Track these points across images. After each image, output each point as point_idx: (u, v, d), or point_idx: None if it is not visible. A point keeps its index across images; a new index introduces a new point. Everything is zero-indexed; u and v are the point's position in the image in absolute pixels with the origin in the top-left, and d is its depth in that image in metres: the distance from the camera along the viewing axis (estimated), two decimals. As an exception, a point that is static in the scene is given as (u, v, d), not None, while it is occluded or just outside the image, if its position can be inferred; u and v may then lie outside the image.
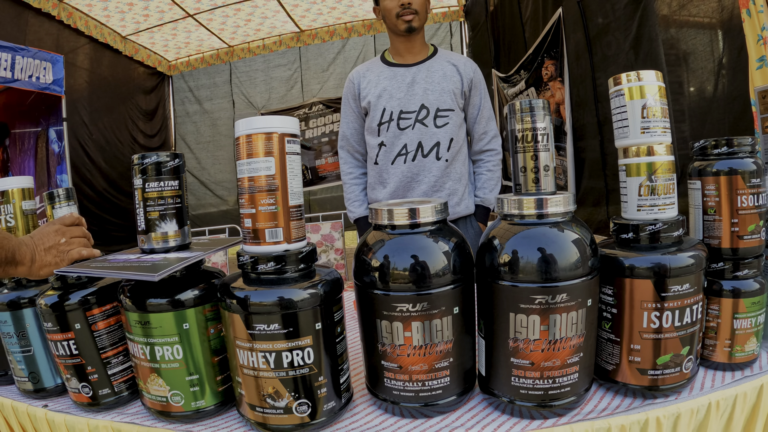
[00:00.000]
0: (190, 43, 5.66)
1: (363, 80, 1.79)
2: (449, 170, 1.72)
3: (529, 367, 0.74)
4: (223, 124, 6.45)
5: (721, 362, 0.88)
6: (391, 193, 1.74)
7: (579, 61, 3.13)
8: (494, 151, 1.84)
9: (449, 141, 1.70)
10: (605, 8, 2.66)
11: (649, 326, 0.77)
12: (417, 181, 1.72)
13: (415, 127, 1.69)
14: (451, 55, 1.81)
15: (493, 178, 1.83)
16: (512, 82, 4.52)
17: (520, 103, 0.76)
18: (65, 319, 0.88)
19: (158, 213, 0.87)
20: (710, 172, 0.86)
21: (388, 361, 0.77)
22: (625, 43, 2.45)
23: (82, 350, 0.89)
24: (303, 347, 0.74)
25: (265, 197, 0.75)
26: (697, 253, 0.78)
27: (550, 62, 3.62)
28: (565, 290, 0.71)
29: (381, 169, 1.76)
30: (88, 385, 0.90)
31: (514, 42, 4.34)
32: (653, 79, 0.80)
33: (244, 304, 0.73)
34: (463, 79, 1.73)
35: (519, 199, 0.74)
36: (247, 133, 0.76)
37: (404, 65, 1.76)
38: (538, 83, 3.91)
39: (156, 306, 0.80)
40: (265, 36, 5.88)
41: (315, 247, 0.80)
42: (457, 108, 1.72)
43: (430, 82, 1.71)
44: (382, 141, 1.73)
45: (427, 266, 0.73)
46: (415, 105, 1.70)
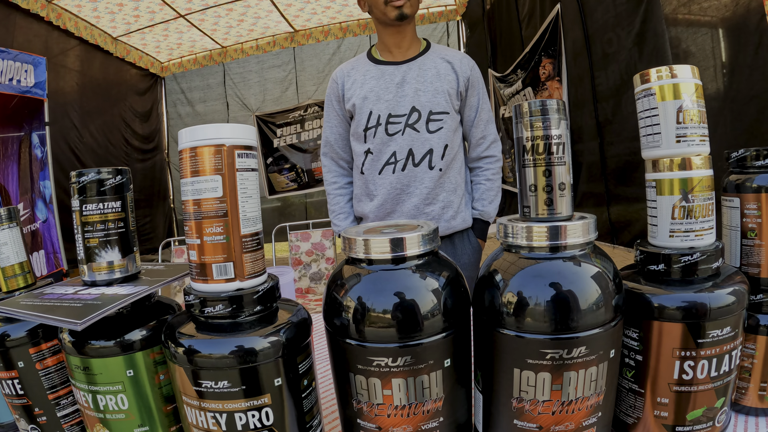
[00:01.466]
0: (182, 44, 5.39)
1: (348, 80, 1.51)
2: (443, 180, 1.46)
3: (536, 430, 0.55)
4: None
5: (754, 407, 0.69)
6: (378, 206, 1.48)
7: (577, 60, 2.89)
8: (494, 158, 1.57)
9: (443, 148, 1.43)
10: (605, 3, 2.41)
11: (680, 377, 0.58)
12: (407, 192, 1.46)
13: (406, 133, 1.42)
14: (446, 51, 1.54)
15: (493, 188, 1.56)
16: (509, 81, 4.28)
17: (528, 104, 0.55)
18: (8, 356, 0.71)
19: (98, 240, 0.68)
20: (751, 187, 0.66)
21: (365, 421, 0.58)
22: (628, 39, 2.23)
23: (27, 390, 0.73)
24: (260, 407, 0.56)
25: (211, 225, 0.56)
26: (738, 288, 0.59)
27: (547, 61, 3.38)
28: (584, 342, 0.52)
29: (367, 180, 1.50)
30: (37, 428, 0.74)
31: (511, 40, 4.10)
32: (689, 75, 0.60)
33: (188, 356, 0.55)
34: (459, 77, 1.46)
35: (527, 227, 0.54)
36: (191, 146, 0.57)
37: (393, 63, 1.49)
38: (535, 83, 3.68)
39: (97, 350, 0.63)
40: (258, 36, 5.61)
41: (276, 284, 0.61)
42: (452, 110, 1.45)
43: (422, 81, 1.44)
44: (369, 148, 1.46)
45: (414, 311, 0.54)
46: (405, 108, 1.43)
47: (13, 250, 0.81)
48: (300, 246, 3.50)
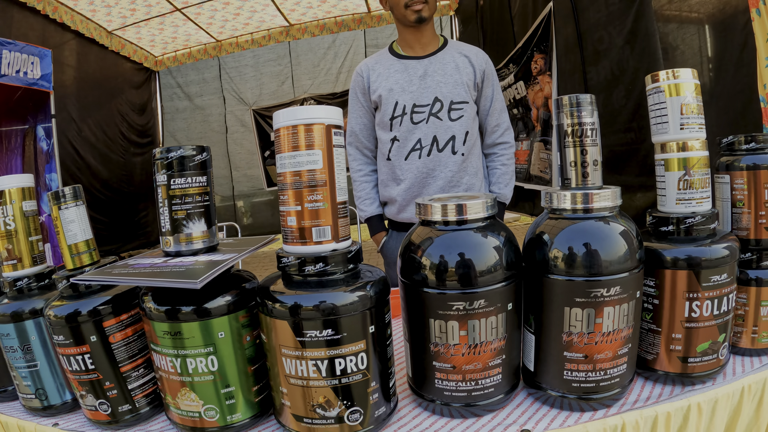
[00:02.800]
0: (177, 38, 5.42)
1: (372, 73, 1.67)
2: (466, 165, 1.64)
3: (582, 360, 0.72)
4: (215, 120, 6.22)
5: (747, 348, 0.90)
6: (406, 189, 1.64)
7: (568, 56, 3.11)
8: (507, 144, 1.75)
9: (465, 134, 1.61)
10: (598, 3, 2.63)
11: (690, 315, 0.77)
12: (432, 176, 1.62)
13: (430, 121, 1.60)
14: (462, 46, 1.71)
15: (508, 172, 1.75)
16: (501, 75, 4.52)
17: (568, 98, 0.74)
18: (79, 332, 0.78)
19: (185, 212, 0.79)
20: (738, 166, 0.87)
21: (441, 362, 0.73)
22: (619, 38, 2.44)
23: (98, 365, 0.79)
24: (357, 353, 0.69)
25: (311, 193, 0.70)
26: (731, 244, 0.79)
27: (539, 56, 3.61)
28: (619, 283, 0.70)
29: (394, 165, 1.66)
30: (106, 401, 0.80)
31: (503, 36, 4.34)
32: (690, 76, 0.81)
33: (293, 310, 0.67)
34: (476, 70, 1.64)
35: (569, 194, 0.72)
36: (291, 124, 0.68)
37: (415, 57, 1.65)
38: (527, 77, 3.91)
39: (188, 315, 0.71)
40: (253, 30, 5.70)
41: (361, 246, 0.76)
42: (470, 100, 1.63)
43: (443, 74, 1.62)
44: (395, 136, 1.63)
45: (483, 263, 0.70)
46: (428, 98, 1.60)
47: (80, 227, 0.87)
48: None
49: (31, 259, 0.94)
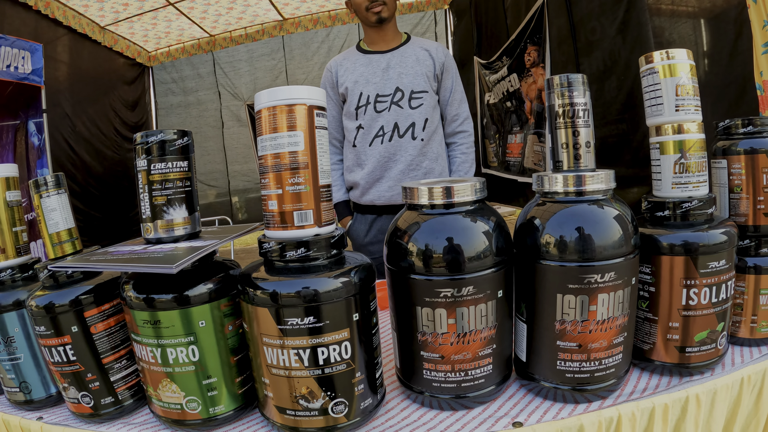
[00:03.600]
0: (170, 33, 5.40)
1: (340, 68, 1.82)
2: (425, 150, 1.76)
3: (576, 349, 0.70)
4: (210, 116, 6.22)
5: (746, 338, 0.88)
6: (368, 173, 1.77)
7: (561, 47, 3.12)
8: (467, 133, 1.89)
9: (424, 121, 1.74)
10: None
11: (687, 303, 0.75)
12: (394, 160, 1.75)
13: (391, 109, 1.74)
14: (424, 42, 1.85)
15: (468, 160, 1.89)
16: (494, 68, 4.51)
17: (559, 77, 0.72)
18: (61, 322, 0.76)
19: (165, 198, 0.77)
20: (735, 151, 0.85)
21: (429, 351, 0.71)
22: (611, 28, 2.46)
23: (80, 356, 0.77)
24: (340, 341, 0.67)
25: (293, 176, 0.68)
26: (729, 230, 0.77)
27: (532, 48, 3.60)
28: (613, 268, 0.68)
29: (359, 151, 1.79)
30: (89, 394, 0.78)
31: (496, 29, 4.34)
32: (685, 57, 0.78)
33: (273, 297, 0.65)
34: (435, 62, 1.79)
35: (560, 176, 0.71)
36: (271, 105, 0.66)
37: (379, 52, 1.80)
38: (520, 69, 3.90)
39: (167, 303, 0.69)
40: (247, 25, 5.68)
41: (344, 232, 0.74)
42: (430, 90, 1.77)
43: (404, 66, 1.76)
44: (360, 124, 1.77)
45: (472, 248, 0.68)
46: (390, 88, 1.74)
47: (62, 216, 0.86)
48: None
49: (15, 250, 0.93)
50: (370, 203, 1.83)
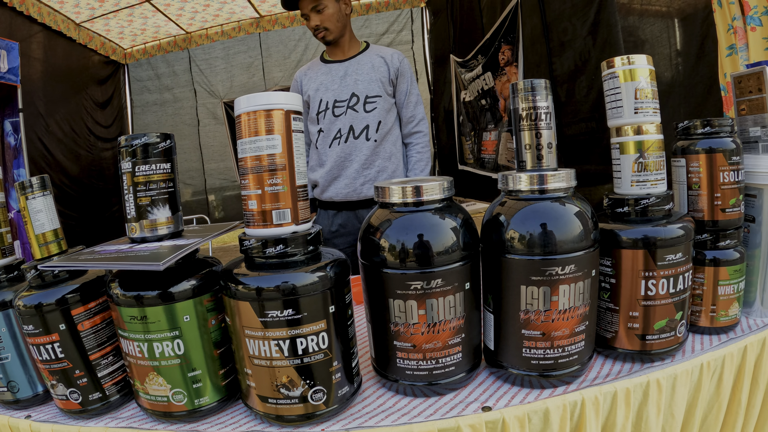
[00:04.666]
0: (146, 30, 5.42)
1: (304, 78, 2.05)
2: (378, 150, 1.95)
3: (540, 337, 0.77)
4: (186, 114, 6.23)
5: (706, 326, 0.94)
6: (327, 171, 1.96)
7: (534, 47, 3.24)
8: (422, 133, 2.08)
9: (377, 123, 1.93)
10: None
11: (646, 293, 0.82)
12: (349, 160, 1.94)
13: (347, 113, 1.93)
14: (381, 49, 2.04)
15: (423, 159, 2.06)
16: (469, 66, 4.64)
17: (523, 83, 0.78)
18: (48, 320, 0.80)
19: (149, 199, 0.82)
20: (693, 150, 0.92)
21: (402, 341, 0.77)
22: (583, 29, 2.57)
23: (68, 353, 0.82)
24: (318, 332, 0.73)
25: (271, 177, 0.74)
26: (686, 225, 0.84)
27: (506, 47, 3.75)
28: (573, 261, 0.74)
29: (320, 152, 1.99)
30: (77, 390, 0.83)
31: (472, 27, 4.46)
32: (644, 62, 0.85)
33: (254, 291, 0.71)
34: (390, 68, 1.97)
35: (523, 176, 0.77)
36: (251, 110, 0.73)
37: (338, 61, 2.01)
38: (494, 68, 4.03)
39: (153, 299, 0.75)
40: (223, 22, 5.72)
41: (321, 229, 0.79)
42: (384, 94, 1.95)
43: (360, 73, 1.95)
44: (321, 128, 1.97)
45: (440, 243, 0.74)
46: (346, 94, 1.94)
47: (47, 217, 0.90)
48: None
49: (0, 251, 0.97)
50: (329, 199, 2.02)
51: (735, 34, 1.31)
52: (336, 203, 2.01)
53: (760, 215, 0.96)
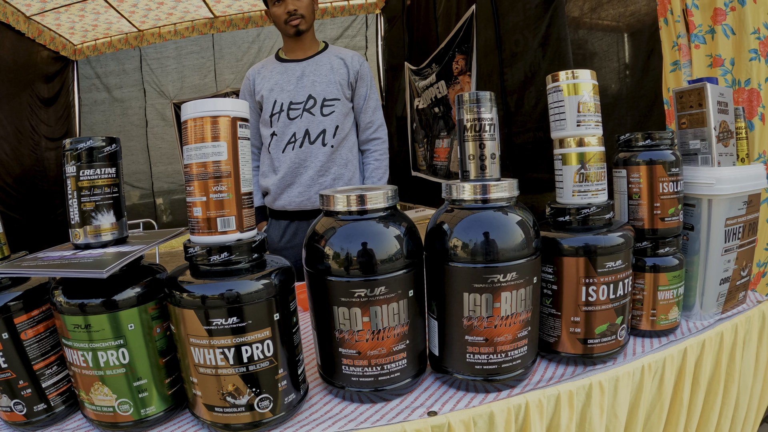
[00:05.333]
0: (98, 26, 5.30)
1: (258, 77, 1.93)
2: (335, 156, 1.88)
3: (483, 343, 0.79)
4: (134, 114, 6.12)
5: (648, 330, 0.99)
6: (280, 178, 1.88)
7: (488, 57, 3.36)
8: (380, 140, 2.01)
9: (335, 128, 1.86)
10: (517, 7, 2.87)
11: (587, 299, 0.85)
12: (304, 166, 1.86)
13: (303, 116, 1.84)
14: (340, 50, 1.97)
15: (381, 167, 2.00)
16: (424, 74, 4.78)
17: (468, 94, 0.81)
18: None
19: (94, 204, 0.82)
20: (634, 161, 0.96)
21: (347, 348, 0.78)
22: (534, 41, 2.67)
23: (11, 363, 0.80)
24: (262, 340, 0.74)
25: (216, 184, 0.74)
26: (626, 233, 0.88)
27: (460, 57, 3.87)
28: (515, 269, 0.77)
29: (273, 158, 1.90)
30: (21, 401, 0.82)
31: (427, 36, 4.60)
32: (588, 77, 0.89)
33: (199, 299, 0.72)
34: (350, 71, 1.90)
35: (467, 186, 0.79)
36: (198, 116, 0.74)
37: (295, 60, 1.92)
38: (448, 77, 4.17)
39: (97, 307, 0.75)
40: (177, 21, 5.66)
41: (266, 236, 0.80)
42: (343, 98, 1.88)
43: (318, 74, 1.87)
44: (274, 131, 1.88)
45: (383, 251, 0.76)
46: (303, 96, 1.85)
47: None
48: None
49: (-59, 258, 0.94)
50: (282, 208, 1.94)
51: (679, 51, 1.38)
52: (288, 213, 1.93)
53: (699, 223, 1.01)
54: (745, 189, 1.01)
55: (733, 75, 1.30)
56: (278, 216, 1.96)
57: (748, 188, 1.02)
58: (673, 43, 1.40)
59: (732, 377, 1.05)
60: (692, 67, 1.34)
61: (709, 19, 1.31)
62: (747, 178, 1.01)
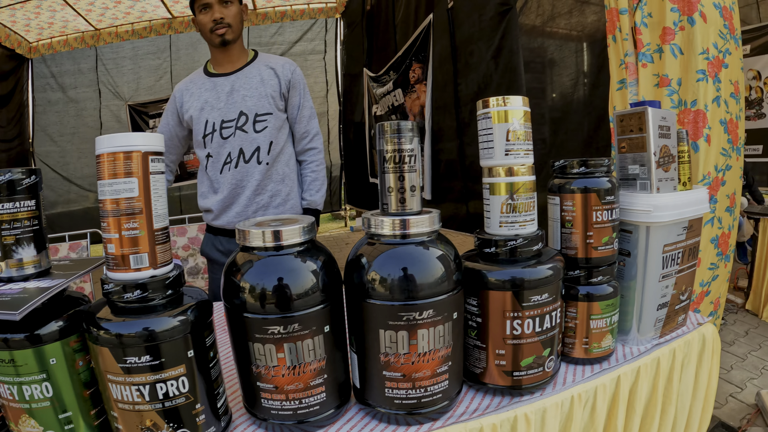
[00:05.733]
0: (54, 24, 5.27)
1: (186, 94, 1.88)
2: (270, 173, 1.86)
3: (401, 378, 0.80)
4: (89, 115, 6.10)
5: (581, 357, 0.99)
6: (221, 200, 1.86)
7: (443, 67, 3.41)
8: (316, 150, 2.01)
9: (269, 144, 1.84)
10: (472, 18, 2.91)
11: (511, 333, 0.86)
12: (242, 186, 1.85)
13: (236, 135, 1.82)
14: (270, 59, 1.93)
15: (318, 178, 2.00)
16: (382, 82, 4.88)
17: (389, 125, 0.80)
18: None
19: (14, 237, 0.83)
20: (569, 189, 0.96)
21: (264, 382, 0.79)
22: (488, 53, 2.72)
23: None
24: (177, 377, 0.75)
25: (128, 221, 0.75)
26: (555, 265, 0.88)
27: (417, 65, 3.96)
28: (432, 306, 0.77)
29: (212, 179, 1.88)
30: None
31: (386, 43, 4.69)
32: (519, 104, 0.88)
33: (113, 337, 0.73)
34: (281, 81, 1.86)
35: (386, 220, 0.79)
36: (109, 152, 0.75)
37: (223, 75, 1.87)
38: (405, 85, 4.26)
39: (20, 342, 0.77)
40: (134, 21, 5.65)
41: (182, 270, 0.80)
42: (275, 111, 1.85)
43: (248, 88, 1.83)
44: (209, 152, 1.85)
45: (297, 288, 0.76)
46: (234, 113, 1.81)
47: None
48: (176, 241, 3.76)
49: None
50: (221, 227, 1.93)
51: (626, 69, 1.37)
52: (228, 230, 1.92)
53: (636, 249, 1.01)
54: (685, 215, 1.01)
55: (680, 95, 1.30)
56: (217, 232, 1.96)
57: (688, 214, 1.01)
58: (621, 62, 1.39)
59: (669, 399, 1.05)
60: (639, 86, 1.33)
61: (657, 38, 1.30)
62: (687, 204, 1.01)
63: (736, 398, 2.57)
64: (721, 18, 1.39)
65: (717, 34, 1.33)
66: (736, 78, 1.52)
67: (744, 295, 3.89)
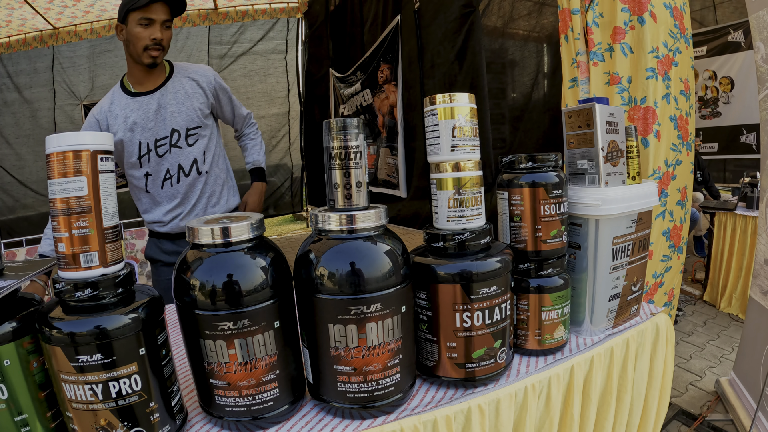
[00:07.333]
0: (12, 22, 5.23)
1: (110, 117, 1.85)
2: (209, 178, 1.99)
3: (352, 372, 0.82)
4: (44, 116, 6.03)
5: (534, 349, 1.02)
6: (169, 210, 1.95)
7: (411, 67, 3.55)
8: (254, 124, 2.24)
9: (203, 154, 1.95)
10: (438, 19, 3.03)
11: (461, 326, 0.89)
12: (187, 198, 1.96)
13: (172, 152, 1.89)
14: (188, 69, 1.96)
15: (257, 143, 2.23)
16: (349, 82, 4.98)
17: (335, 122, 0.83)
18: None
19: (-34, 242, 0.84)
20: (516, 184, 1.00)
21: (217, 379, 0.81)
22: (451, 54, 2.82)
23: None
24: (129, 375, 0.77)
25: (78, 220, 0.77)
26: (503, 258, 0.91)
27: (385, 66, 4.06)
28: (379, 300, 0.80)
29: (153, 195, 1.96)
30: None
31: (353, 44, 4.79)
32: (465, 101, 0.92)
33: (65, 336, 0.76)
34: (206, 91, 1.94)
35: (332, 216, 0.82)
36: (57, 151, 0.78)
37: (147, 93, 1.87)
38: (373, 85, 4.35)
39: None
40: (94, 19, 5.62)
41: (133, 268, 0.82)
42: (203, 122, 1.94)
43: (176, 104, 1.87)
44: (147, 171, 1.91)
45: (246, 284, 0.79)
46: (166, 131, 1.87)
47: None
48: (135, 244, 3.81)
49: None
50: (166, 232, 2.01)
51: (578, 68, 1.42)
52: (171, 234, 2.00)
53: (586, 242, 1.05)
54: (634, 208, 1.05)
55: (630, 93, 1.35)
56: (160, 236, 2.02)
57: (636, 207, 1.05)
58: (572, 60, 1.44)
59: (625, 388, 1.09)
60: (590, 84, 1.38)
61: (608, 37, 1.36)
62: (636, 197, 1.05)
63: (696, 386, 2.67)
64: (672, 18, 1.46)
65: (667, 33, 1.39)
66: (687, 76, 1.59)
67: (702, 287, 4.06)
